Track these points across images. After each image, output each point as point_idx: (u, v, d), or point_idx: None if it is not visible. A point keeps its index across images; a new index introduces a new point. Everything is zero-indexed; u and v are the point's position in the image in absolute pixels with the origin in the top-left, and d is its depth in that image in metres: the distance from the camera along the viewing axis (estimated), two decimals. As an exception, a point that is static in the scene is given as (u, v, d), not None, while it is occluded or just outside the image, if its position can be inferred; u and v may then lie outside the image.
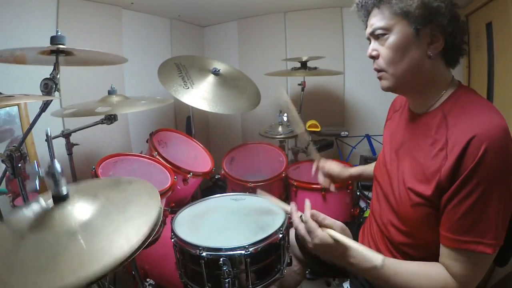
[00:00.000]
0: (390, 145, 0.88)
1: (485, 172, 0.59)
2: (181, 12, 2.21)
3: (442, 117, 0.70)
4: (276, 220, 0.97)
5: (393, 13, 0.69)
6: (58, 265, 0.53)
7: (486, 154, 0.58)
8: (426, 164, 0.69)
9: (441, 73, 0.73)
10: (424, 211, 0.69)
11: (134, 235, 0.58)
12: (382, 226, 0.86)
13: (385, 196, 0.84)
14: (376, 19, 0.72)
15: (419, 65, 0.70)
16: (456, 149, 0.62)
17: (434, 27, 0.68)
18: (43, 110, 0.95)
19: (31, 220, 0.65)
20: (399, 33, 0.69)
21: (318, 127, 1.94)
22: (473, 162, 0.59)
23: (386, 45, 0.71)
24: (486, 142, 0.58)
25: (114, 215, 0.64)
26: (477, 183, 0.59)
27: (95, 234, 0.59)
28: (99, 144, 1.74)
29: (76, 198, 0.67)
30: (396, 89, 0.75)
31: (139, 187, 0.77)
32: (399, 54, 0.70)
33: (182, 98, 1.52)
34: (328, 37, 2.27)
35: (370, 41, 0.77)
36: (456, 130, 0.65)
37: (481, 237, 0.60)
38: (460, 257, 0.63)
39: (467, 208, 0.61)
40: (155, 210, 0.65)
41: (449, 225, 0.64)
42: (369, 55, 0.76)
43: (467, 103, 0.69)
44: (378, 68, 0.75)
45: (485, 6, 1.67)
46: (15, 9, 1.34)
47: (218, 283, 0.86)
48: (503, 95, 1.58)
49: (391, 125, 0.94)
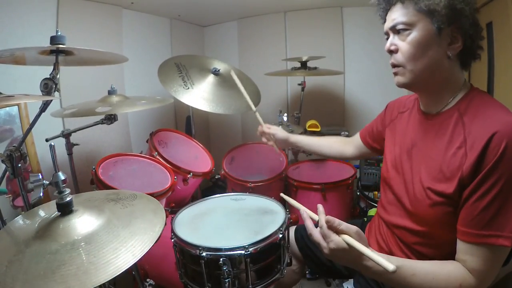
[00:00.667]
0: (400, 147, 0.87)
1: (505, 167, 0.61)
2: (181, 12, 2.21)
3: (459, 116, 0.71)
4: (276, 220, 0.97)
5: (418, 10, 0.69)
6: (63, 275, 0.53)
7: (507, 150, 0.60)
8: (444, 163, 0.70)
9: (456, 74, 0.74)
10: (443, 210, 0.70)
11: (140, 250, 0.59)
12: (393, 228, 0.86)
13: (398, 199, 0.84)
14: (398, 14, 0.72)
15: (438, 64, 0.71)
16: (477, 146, 0.63)
17: (455, 28, 0.69)
18: (43, 110, 0.95)
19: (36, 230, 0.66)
20: (422, 30, 0.70)
21: (318, 127, 1.94)
22: (494, 157, 0.61)
23: (408, 40, 0.71)
24: (507, 138, 0.61)
25: (119, 229, 0.65)
26: (497, 178, 0.61)
27: (100, 247, 0.60)
28: (99, 144, 1.74)
29: (81, 210, 0.68)
30: (412, 85, 0.76)
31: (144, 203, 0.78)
32: (420, 50, 0.70)
33: (182, 98, 1.52)
34: (328, 37, 2.27)
35: (387, 35, 0.77)
36: (474, 128, 0.67)
37: (501, 230, 0.62)
38: (479, 252, 0.64)
39: (487, 203, 0.62)
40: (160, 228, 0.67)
41: (468, 220, 0.65)
42: (387, 49, 0.76)
43: (482, 103, 0.71)
44: (395, 63, 0.75)
45: (485, 6, 1.66)
46: (15, 9, 1.34)
47: (218, 283, 0.86)
48: (503, 95, 1.58)
49: (397, 126, 0.93)
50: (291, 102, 2.48)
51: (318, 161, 1.87)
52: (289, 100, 2.49)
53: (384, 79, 2.12)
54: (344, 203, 1.60)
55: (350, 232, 0.70)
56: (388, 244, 0.88)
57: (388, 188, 0.90)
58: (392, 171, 0.89)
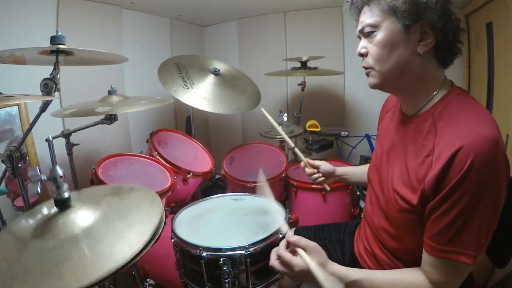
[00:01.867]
0: (381, 147, 0.87)
1: (470, 184, 0.58)
2: (181, 12, 2.21)
3: (432, 123, 0.69)
4: (276, 220, 0.97)
5: (381, 10, 0.68)
6: (61, 271, 0.54)
7: (472, 166, 0.57)
8: (413, 170, 0.69)
9: (431, 72, 0.71)
10: (410, 217, 0.69)
11: (136, 242, 0.58)
12: (374, 230, 0.86)
13: (377, 198, 0.84)
14: (365, 17, 0.72)
15: (408, 63, 0.68)
16: (442, 158, 0.60)
17: (424, 23, 0.66)
18: (43, 110, 0.95)
19: (34, 227, 0.65)
20: (386, 29, 0.68)
21: (318, 127, 1.94)
22: (459, 174, 0.58)
23: (374, 42, 0.70)
24: (473, 154, 0.57)
25: (116, 222, 0.65)
26: (461, 195, 0.59)
27: (97, 240, 0.60)
28: (99, 144, 1.74)
29: (79, 205, 0.68)
30: (383, 86, 0.74)
31: (141, 194, 0.78)
32: (387, 51, 0.68)
33: (182, 98, 1.52)
34: (328, 37, 2.27)
35: (360, 39, 0.76)
36: (444, 137, 0.64)
37: (463, 248, 0.60)
38: (440, 266, 0.64)
39: (450, 219, 0.60)
40: (157, 217, 0.66)
41: (432, 234, 0.64)
42: (358, 53, 0.75)
43: (458, 109, 0.66)
44: (366, 66, 0.74)
45: (485, 6, 1.67)
46: (15, 9, 1.34)
47: (218, 283, 0.86)
48: (503, 95, 1.58)
49: (383, 126, 0.93)
50: (291, 102, 2.48)
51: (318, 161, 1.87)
52: (289, 100, 2.49)
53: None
54: (344, 203, 1.60)
55: (308, 248, 0.71)
56: (372, 247, 0.87)
57: (370, 188, 0.90)
58: (373, 171, 0.89)
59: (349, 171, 1.13)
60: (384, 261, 0.82)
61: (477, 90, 1.85)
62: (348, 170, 1.13)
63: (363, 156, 1.94)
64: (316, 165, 1.09)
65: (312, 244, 0.72)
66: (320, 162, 1.10)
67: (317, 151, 1.93)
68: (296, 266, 0.70)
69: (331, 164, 1.11)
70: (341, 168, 1.13)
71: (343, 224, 1.14)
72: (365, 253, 0.91)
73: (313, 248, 0.71)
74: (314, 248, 0.71)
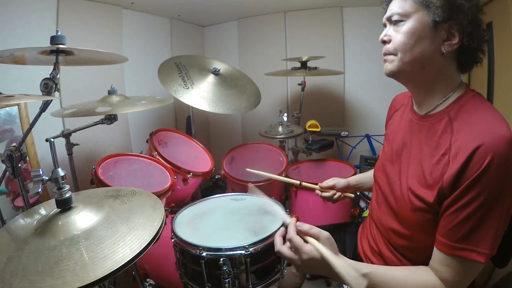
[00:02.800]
0: (391, 145, 0.86)
1: (487, 183, 0.58)
2: (181, 12, 2.21)
3: (448, 122, 0.69)
4: (276, 220, 0.97)
5: (415, 1, 0.68)
6: (61, 271, 0.54)
7: (490, 165, 0.58)
8: (429, 169, 0.69)
9: (450, 74, 0.72)
10: (424, 216, 0.69)
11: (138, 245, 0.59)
12: (382, 229, 0.85)
13: (385, 198, 0.83)
14: (397, 5, 0.72)
15: (429, 59, 0.69)
16: (461, 157, 0.61)
17: (453, 24, 0.67)
18: (43, 110, 0.95)
19: (35, 226, 0.66)
20: (416, 21, 0.68)
21: (318, 127, 1.94)
22: (477, 172, 0.58)
23: (402, 30, 0.70)
24: (492, 153, 0.58)
25: (118, 225, 0.65)
26: (478, 193, 0.59)
27: (98, 242, 0.60)
28: (99, 144, 1.74)
29: (81, 207, 0.69)
30: (399, 75, 0.73)
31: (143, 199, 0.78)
32: (413, 41, 0.69)
33: (182, 98, 1.52)
34: (328, 37, 2.27)
35: (385, 27, 0.76)
36: (461, 136, 0.64)
37: (476, 245, 0.60)
38: (452, 263, 0.64)
39: (465, 216, 0.61)
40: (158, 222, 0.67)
41: (445, 231, 0.64)
42: (381, 39, 0.75)
43: (474, 109, 0.67)
44: (386, 52, 0.74)
45: (485, 6, 1.65)
46: (15, 9, 1.34)
47: (218, 283, 0.86)
48: (503, 95, 1.58)
49: (392, 124, 0.93)
50: (291, 102, 2.48)
51: (318, 161, 1.87)
52: (289, 100, 2.49)
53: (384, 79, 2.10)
54: (344, 203, 1.60)
55: (321, 236, 0.69)
56: (378, 245, 0.87)
57: (377, 187, 0.90)
58: (381, 170, 0.88)
59: (361, 179, 1.13)
60: (391, 260, 0.82)
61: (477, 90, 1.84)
62: (360, 179, 1.13)
63: (363, 156, 1.95)
64: (330, 186, 1.08)
65: (325, 234, 0.69)
66: (333, 181, 1.08)
67: (317, 151, 1.93)
68: (305, 253, 0.67)
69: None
70: (353, 178, 1.13)
71: (344, 224, 1.14)
72: (370, 252, 0.90)
73: (326, 238, 0.69)
74: (327, 238, 0.69)
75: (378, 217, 0.87)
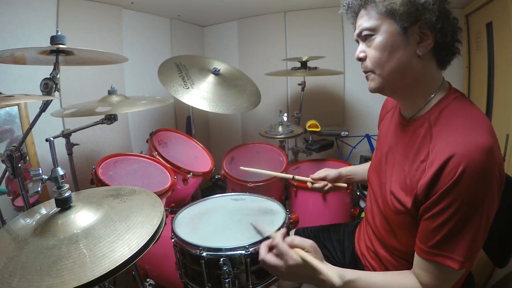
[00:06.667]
0: (381, 148, 0.87)
1: (461, 192, 0.58)
2: (181, 12, 2.21)
3: (428, 127, 0.68)
4: (276, 220, 0.97)
5: (379, 13, 0.67)
6: (60, 270, 0.54)
7: (463, 175, 0.57)
8: (409, 174, 0.69)
9: (431, 74, 0.70)
10: (405, 219, 0.70)
11: (136, 244, 0.59)
12: (375, 229, 0.86)
13: (376, 200, 0.84)
14: (363, 20, 0.71)
15: (408, 65, 0.68)
16: (435, 165, 0.61)
17: (423, 24, 0.65)
18: (43, 110, 0.95)
19: (34, 226, 0.66)
20: (385, 33, 0.67)
21: (318, 127, 1.94)
22: (450, 181, 0.58)
23: (373, 46, 0.69)
24: (465, 163, 0.57)
25: (116, 224, 0.65)
26: (451, 202, 0.59)
27: (97, 241, 0.60)
28: (99, 144, 1.74)
29: (80, 206, 0.68)
30: (383, 90, 0.73)
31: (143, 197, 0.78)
32: (386, 54, 0.68)
33: (182, 98, 1.52)
34: (328, 37, 2.27)
35: (358, 43, 0.75)
36: (438, 143, 0.64)
37: (450, 252, 0.61)
38: (429, 268, 0.64)
39: (440, 222, 0.61)
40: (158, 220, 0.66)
41: (422, 236, 0.65)
42: (356, 57, 0.74)
43: (454, 114, 0.66)
44: (365, 70, 0.73)
45: (485, 6, 1.66)
46: (15, 9, 1.34)
47: (218, 283, 0.86)
48: (503, 95, 1.58)
49: (382, 127, 0.93)
50: (291, 102, 2.48)
51: (318, 161, 1.87)
52: (289, 100, 2.49)
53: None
54: (344, 203, 1.60)
55: (305, 245, 0.69)
56: (374, 245, 0.87)
57: (370, 188, 0.91)
58: (373, 171, 0.89)
59: (352, 171, 1.14)
60: (387, 260, 0.82)
61: (477, 90, 1.85)
62: (351, 170, 1.14)
63: (363, 156, 1.95)
64: (322, 177, 1.09)
65: (309, 242, 0.70)
66: (325, 172, 1.10)
67: (317, 151, 1.93)
68: (291, 259, 0.67)
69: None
70: (345, 169, 1.14)
71: (342, 225, 1.14)
72: (367, 251, 0.91)
73: (310, 245, 0.70)
74: (311, 245, 0.70)
75: (372, 217, 0.87)
